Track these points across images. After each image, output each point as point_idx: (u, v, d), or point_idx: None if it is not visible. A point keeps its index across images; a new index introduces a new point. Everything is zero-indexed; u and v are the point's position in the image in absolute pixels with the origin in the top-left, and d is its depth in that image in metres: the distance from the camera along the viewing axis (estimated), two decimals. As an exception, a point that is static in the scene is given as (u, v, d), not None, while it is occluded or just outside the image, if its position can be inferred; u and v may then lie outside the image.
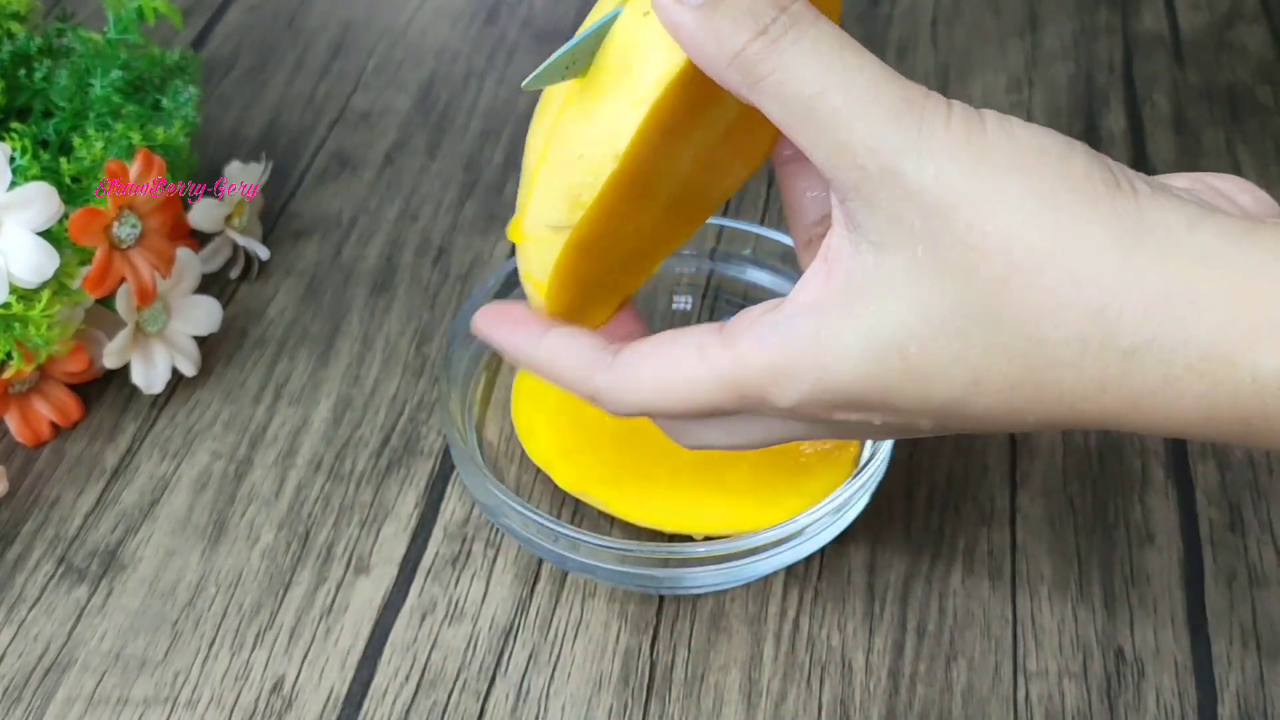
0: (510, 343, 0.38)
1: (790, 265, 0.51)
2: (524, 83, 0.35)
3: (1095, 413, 0.31)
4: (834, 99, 0.31)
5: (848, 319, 0.32)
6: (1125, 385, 0.30)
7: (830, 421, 0.34)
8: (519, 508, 0.42)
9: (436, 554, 0.47)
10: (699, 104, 0.34)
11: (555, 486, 0.47)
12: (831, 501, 0.42)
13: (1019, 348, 0.31)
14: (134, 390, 0.51)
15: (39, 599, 0.45)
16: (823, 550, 0.46)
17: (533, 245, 0.37)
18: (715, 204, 0.41)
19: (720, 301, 0.52)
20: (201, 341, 0.53)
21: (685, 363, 0.35)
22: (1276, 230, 0.30)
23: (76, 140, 0.49)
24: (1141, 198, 0.30)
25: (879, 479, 0.45)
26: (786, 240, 0.50)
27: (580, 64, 0.35)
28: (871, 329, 0.32)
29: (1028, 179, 0.30)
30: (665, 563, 0.42)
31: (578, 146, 0.34)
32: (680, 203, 0.40)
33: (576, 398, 0.47)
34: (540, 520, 0.42)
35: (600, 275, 0.39)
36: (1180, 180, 0.35)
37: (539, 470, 0.48)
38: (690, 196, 0.40)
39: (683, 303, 0.53)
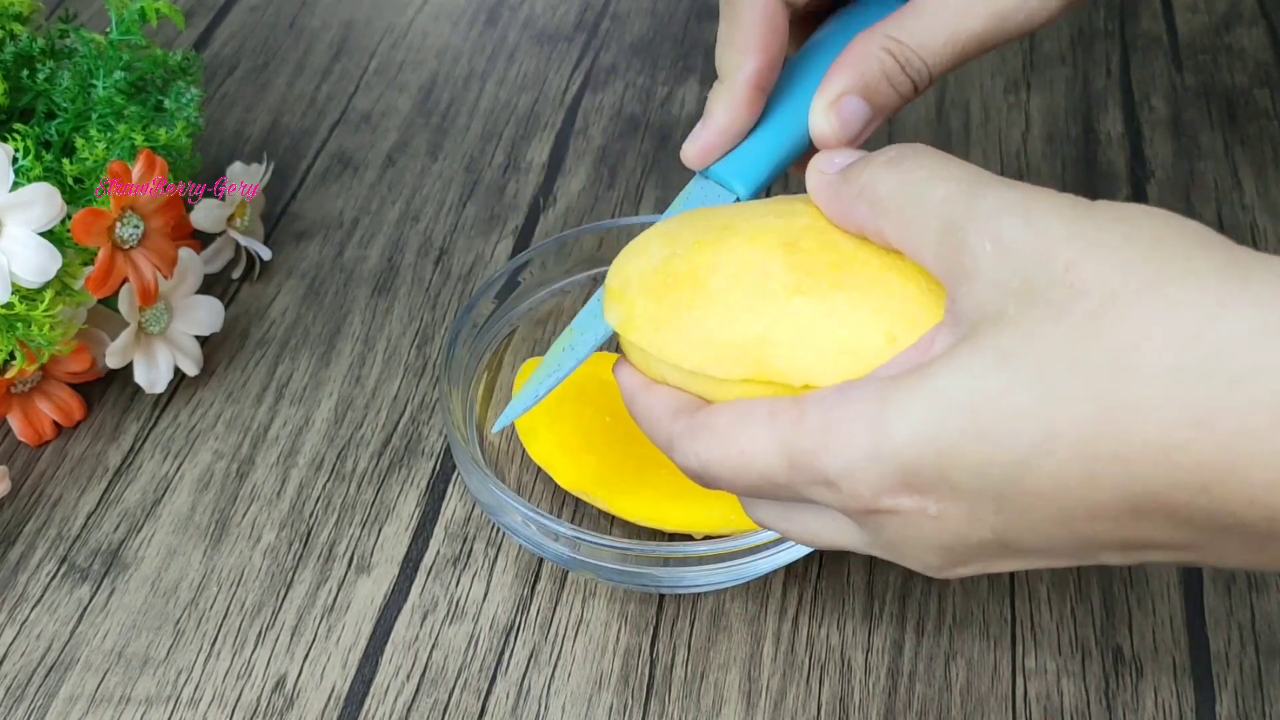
0: (629, 392, 0.37)
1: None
2: (492, 429, 0.38)
3: (1190, 467, 0.27)
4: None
5: (918, 384, 0.30)
6: (1224, 424, 0.26)
7: (880, 512, 0.31)
8: (520, 507, 0.42)
9: (437, 553, 0.47)
10: None
11: (556, 486, 0.48)
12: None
13: (1102, 388, 0.27)
14: (136, 390, 0.51)
15: (42, 598, 0.46)
16: (821, 550, 0.46)
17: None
18: None
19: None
20: (203, 341, 0.53)
21: (755, 419, 0.33)
22: None
23: (79, 141, 0.49)
24: (1251, 253, 0.28)
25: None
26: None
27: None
28: (940, 388, 0.30)
29: (1135, 229, 0.29)
30: (665, 562, 0.42)
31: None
32: None
33: (576, 398, 0.48)
34: (541, 519, 0.42)
35: None
36: None
37: (539, 470, 0.48)
38: None
39: None
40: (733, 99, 0.40)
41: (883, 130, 0.63)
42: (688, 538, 0.45)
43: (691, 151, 0.41)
